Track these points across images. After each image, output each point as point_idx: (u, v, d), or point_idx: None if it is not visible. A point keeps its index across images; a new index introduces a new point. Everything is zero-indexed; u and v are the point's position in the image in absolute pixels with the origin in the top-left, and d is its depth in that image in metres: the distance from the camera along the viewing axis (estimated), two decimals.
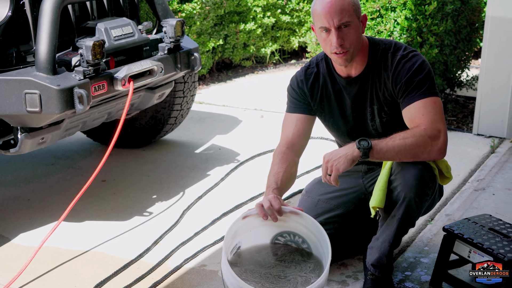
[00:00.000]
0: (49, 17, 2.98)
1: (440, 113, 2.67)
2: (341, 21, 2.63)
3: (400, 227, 2.70)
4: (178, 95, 4.38)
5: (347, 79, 2.82)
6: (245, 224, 2.59)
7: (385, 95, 2.77)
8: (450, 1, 4.89)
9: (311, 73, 2.90)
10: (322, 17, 2.65)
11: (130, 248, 3.28)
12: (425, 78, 2.70)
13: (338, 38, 2.64)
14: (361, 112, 2.85)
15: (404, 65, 2.72)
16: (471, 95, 5.55)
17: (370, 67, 2.78)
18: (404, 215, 2.66)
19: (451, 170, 2.82)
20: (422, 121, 2.63)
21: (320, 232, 2.55)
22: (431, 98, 2.68)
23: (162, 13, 3.72)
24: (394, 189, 2.66)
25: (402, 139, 2.59)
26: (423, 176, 2.63)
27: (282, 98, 5.85)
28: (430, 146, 2.61)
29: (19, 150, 3.20)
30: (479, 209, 3.60)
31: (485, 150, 4.57)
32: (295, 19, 7.23)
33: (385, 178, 2.69)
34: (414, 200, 2.63)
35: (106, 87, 3.13)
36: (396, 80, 2.72)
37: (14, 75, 2.99)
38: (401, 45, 2.81)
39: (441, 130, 2.64)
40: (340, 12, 2.63)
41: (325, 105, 2.90)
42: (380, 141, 2.58)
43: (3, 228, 3.51)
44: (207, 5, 6.23)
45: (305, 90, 2.90)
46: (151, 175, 4.22)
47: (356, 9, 2.69)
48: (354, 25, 2.68)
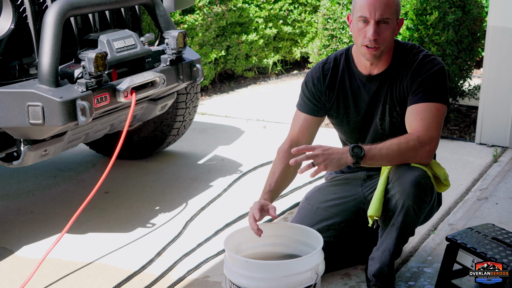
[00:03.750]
0: (51, 29, 2.99)
1: (438, 121, 2.70)
2: (382, 16, 2.67)
3: (400, 236, 2.70)
4: (180, 106, 4.39)
5: (368, 76, 2.83)
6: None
7: (400, 93, 2.79)
8: (452, 11, 4.90)
9: (329, 69, 2.92)
10: (366, 6, 2.68)
11: (133, 260, 3.28)
12: (439, 83, 2.73)
13: (374, 31, 2.68)
14: (373, 110, 2.86)
15: (425, 65, 2.76)
16: (473, 104, 5.55)
17: (392, 67, 2.81)
18: (403, 223, 2.66)
19: (448, 178, 2.82)
20: (417, 127, 2.68)
21: (304, 232, 2.72)
22: (436, 104, 2.70)
23: (164, 24, 3.73)
24: (392, 197, 2.67)
25: (394, 145, 2.64)
26: (420, 183, 2.63)
27: (285, 108, 5.89)
28: (420, 152, 2.67)
29: (22, 162, 3.20)
30: (482, 219, 3.59)
31: (488, 159, 4.56)
32: (297, 30, 7.25)
33: (381, 187, 2.71)
34: (413, 207, 2.64)
35: (109, 99, 3.14)
36: (413, 77, 2.75)
37: (17, 87, 2.99)
38: (424, 48, 2.86)
39: (433, 138, 2.69)
40: (384, 7, 2.67)
41: (341, 101, 2.91)
42: (373, 148, 2.61)
43: (7, 240, 3.51)
44: (209, 17, 6.25)
45: (320, 88, 2.91)
46: (154, 187, 4.22)
47: (397, 10, 2.73)
48: (392, 24, 2.71)
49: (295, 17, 7.18)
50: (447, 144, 4.89)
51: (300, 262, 2.47)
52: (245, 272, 2.46)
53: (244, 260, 2.48)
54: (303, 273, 2.46)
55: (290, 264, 2.49)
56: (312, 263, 2.47)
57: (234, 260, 2.51)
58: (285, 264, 2.50)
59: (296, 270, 2.45)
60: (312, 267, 2.47)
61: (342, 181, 3.12)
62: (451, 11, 4.89)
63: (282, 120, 5.53)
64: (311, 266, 2.46)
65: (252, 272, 2.45)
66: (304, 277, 2.46)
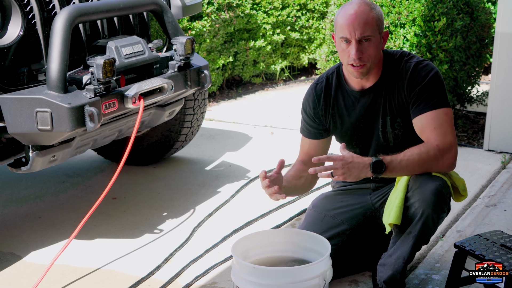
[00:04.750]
0: (60, 36, 3.01)
1: (451, 125, 2.70)
2: (363, 35, 2.66)
3: (416, 244, 2.69)
4: (188, 113, 4.40)
5: (361, 91, 2.83)
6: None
7: (399, 103, 2.78)
8: (460, 17, 4.89)
9: (321, 88, 2.93)
10: (345, 27, 2.67)
11: (141, 266, 3.28)
12: (438, 88, 2.73)
13: (357, 51, 2.66)
14: (373, 123, 2.86)
15: (419, 73, 2.74)
16: (481, 110, 5.54)
17: (384, 78, 2.80)
18: (420, 231, 2.66)
19: (467, 188, 2.82)
20: (434, 135, 2.66)
21: (312, 238, 2.73)
22: (443, 109, 2.70)
23: (172, 31, 3.74)
24: (411, 205, 2.66)
25: (415, 155, 2.62)
26: (441, 192, 2.63)
27: (292, 114, 5.89)
28: (441, 161, 2.66)
29: (30, 168, 3.21)
30: (490, 225, 3.58)
31: (496, 166, 4.55)
32: (305, 36, 7.25)
33: (401, 195, 2.69)
34: (432, 216, 2.63)
35: (117, 105, 3.15)
36: (410, 87, 2.74)
37: (26, 93, 3.01)
38: (414, 55, 2.85)
39: (452, 144, 2.68)
40: (363, 26, 2.65)
41: (337, 119, 2.91)
42: (394, 160, 2.61)
43: (15, 246, 3.52)
44: (217, 23, 6.27)
45: (317, 109, 2.92)
46: (162, 192, 4.23)
47: (379, 25, 2.71)
48: (375, 40, 2.70)
49: (303, 23, 7.18)
50: None
51: (308, 269, 2.46)
52: (253, 278, 2.46)
53: (251, 266, 2.48)
54: (311, 280, 2.45)
55: (297, 270, 2.49)
56: (320, 270, 2.47)
57: (242, 267, 2.51)
58: (293, 271, 2.50)
59: (304, 277, 2.45)
60: (319, 273, 2.46)
61: (350, 190, 3.11)
62: (459, 18, 4.88)
63: (290, 126, 5.53)
64: (319, 273, 2.46)
65: (260, 278, 2.45)
66: (311, 284, 2.46)
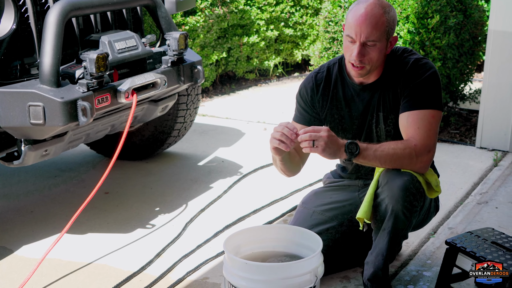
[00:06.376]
0: (53, 30, 3.00)
1: (435, 128, 2.69)
2: (368, 39, 2.63)
3: (392, 240, 2.70)
4: (181, 108, 4.40)
5: (361, 86, 2.82)
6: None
7: (393, 99, 2.77)
8: (453, 14, 4.90)
9: (322, 78, 2.91)
10: (352, 26, 2.64)
11: (133, 261, 3.28)
12: (433, 88, 2.71)
13: (359, 53, 2.64)
14: (367, 118, 2.85)
15: (417, 69, 2.72)
16: (474, 108, 5.55)
17: (385, 75, 2.79)
18: (393, 227, 2.67)
19: (440, 184, 2.82)
20: (415, 135, 2.66)
21: (304, 234, 2.72)
22: (432, 111, 2.69)
23: (165, 26, 3.73)
24: (381, 201, 2.67)
25: (391, 149, 2.63)
26: (409, 188, 2.63)
27: (285, 110, 5.89)
28: (414, 161, 2.66)
29: (23, 162, 3.20)
30: (482, 223, 3.59)
31: (488, 163, 4.57)
32: (298, 32, 7.25)
33: (371, 191, 2.71)
34: (402, 211, 2.64)
35: (110, 100, 3.14)
36: (406, 82, 2.73)
37: (18, 87, 3.00)
38: (416, 52, 2.83)
39: (430, 148, 2.68)
40: (371, 30, 2.61)
41: (335, 110, 2.90)
42: (368, 148, 2.61)
43: (6, 240, 3.51)
44: (210, 18, 6.26)
45: (313, 97, 2.90)
46: (154, 188, 4.23)
47: (388, 30, 2.67)
48: (380, 45, 2.66)
49: (297, 19, 7.18)
50: (448, 147, 4.89)
51: (299, 265, 2.47)
52: (245, 274, 2.46)
53: (243, 262, 2.48)
54: (303, 276, 2.46)
55: (289, 266, 2.49)
56: (312, 266, 2.48)
57: (234, 262, 2.51)
58: (285, 266, 2.50)
59: (295, 273, 2.45)
60: (311, 269, 2.47)
61: (340, 186, 3.12)
62: (452, 15, 4.89)
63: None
64: (310, 269, 2.47)
65: (252, 274, 2.46)
66: (303, 280, 2.46)
